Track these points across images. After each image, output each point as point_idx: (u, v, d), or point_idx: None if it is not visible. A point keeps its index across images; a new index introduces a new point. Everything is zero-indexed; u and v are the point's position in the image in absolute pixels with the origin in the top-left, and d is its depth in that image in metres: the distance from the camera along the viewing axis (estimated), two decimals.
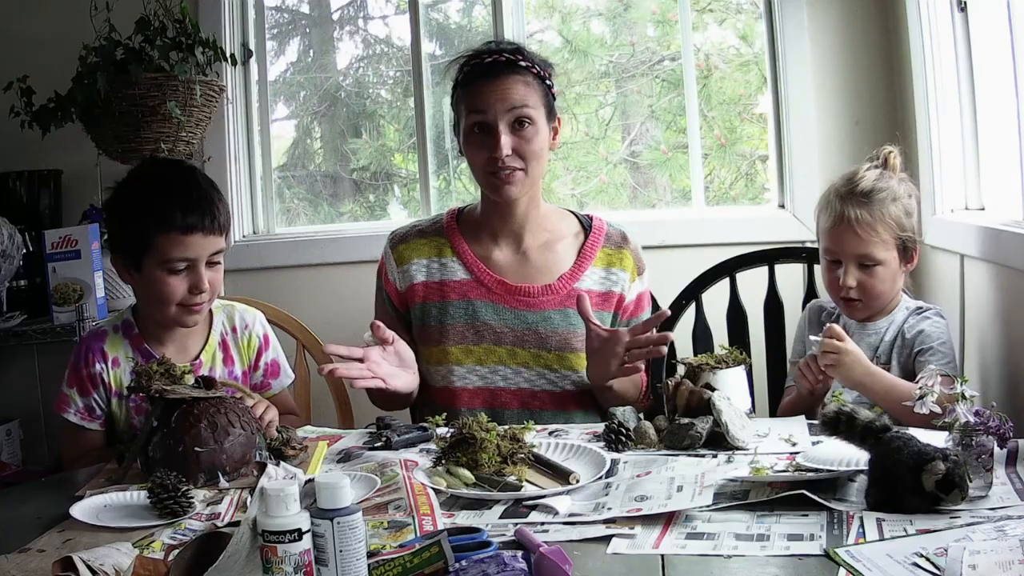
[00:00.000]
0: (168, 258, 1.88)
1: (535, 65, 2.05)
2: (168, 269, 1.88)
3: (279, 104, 3.47)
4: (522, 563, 1.13)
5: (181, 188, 1.91)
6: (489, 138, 2.01)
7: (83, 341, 2.01)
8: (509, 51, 2.05)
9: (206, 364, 2.01)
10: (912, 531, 1.22)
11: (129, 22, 2.84)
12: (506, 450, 1.54)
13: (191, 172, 2.00)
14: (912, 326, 1.99)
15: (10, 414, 3.06)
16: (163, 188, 1.91)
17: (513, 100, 2.00)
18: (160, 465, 1.58)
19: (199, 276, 1.90)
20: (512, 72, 2.02)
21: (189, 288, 1.90)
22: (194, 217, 1.87)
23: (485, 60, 2.04)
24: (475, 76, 2.04)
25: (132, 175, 2.00)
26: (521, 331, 2.07)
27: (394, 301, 2.14)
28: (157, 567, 1.22)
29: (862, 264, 1.98)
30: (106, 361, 1.97)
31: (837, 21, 2.86)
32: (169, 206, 1.87)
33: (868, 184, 1.99)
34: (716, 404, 1.67)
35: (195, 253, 1.88)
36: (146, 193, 1.92)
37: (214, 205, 1.91)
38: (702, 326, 2.45)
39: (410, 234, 2.17)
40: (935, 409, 1.47)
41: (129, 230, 1.92)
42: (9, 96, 2.83)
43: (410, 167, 3.38)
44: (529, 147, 2.02)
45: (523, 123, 2.01)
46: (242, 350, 2.08)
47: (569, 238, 2.15)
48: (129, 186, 1.96)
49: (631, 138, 3.28)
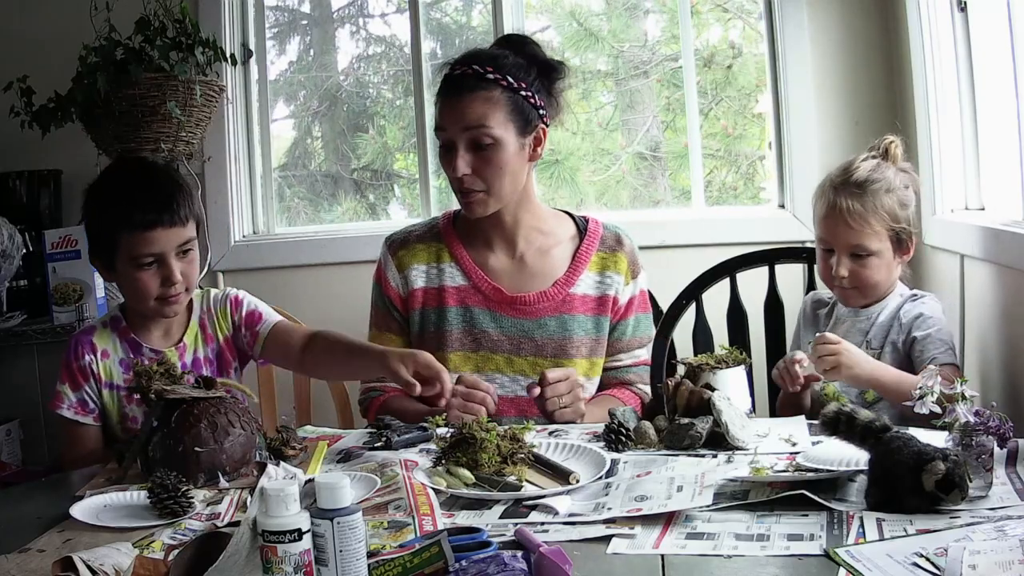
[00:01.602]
0: (135, 255, 1.91)
1: (506, 77, 1.98)
2: (137, 265, 1.92)
3: (279, 104, 3.47)
4: (522, 563, 1.13)
5: (139, 184, 1.95)
6: (450, 156, 2.00)
7: (73, 338, 2.04)
8: (483, 60, 2.00)
9: (189, 347, 2.03)
10: (912, 531, 1.22)
11: (129, 22, 2.84)
12: (506, 450, 1.54)
13: (150, 168, 2.05)
14: (908, 310, 1.99)
15: (10, 414, 3.06)
16: (122, 187, 1.95)
17: (469, 120, 1.96)
18: (160, 465, 1.58)
19: (169, 269, 1.92)
20: (476, 88, 1.97)
21: (161, 281, 1.93)
22: (152, 214, 1.90)
23: (454, 72, 2.01)
24: (441, 90, 2.03)
25: (99, 177, 2.04)
26: (518, 339, 2.07)
27: (397, 306, 2.14)
28: (157, 567, 1.22)
29: (855, 254, 1.98)
30: (95, 352, 1.98)
31: (837, 21, 2.86)
32: (127, 205, 1.90)
33: (862, 175, 1.99)
34: (716, 404, 1.67)
35: (160, 248, 1.91)
36: (107, 194, 1.96)
37: (173, 199, 1.92)
38: (702, 326, 2.45)
39: (408, 239, 2.16)
40: (935, 409, 1.46)
41: (97, 231, 1.97)
42: (9, 96, 2.83)
43: (410, 167, 3.38)
44: (489, 167, 1.98)
45: (481, 144, 1.97)
46: (217, 322, 2.08)
47: (565, 242, 2.15)
48: (94, 189, 2.00)
49: (637, 139, 3.28)
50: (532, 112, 2.02)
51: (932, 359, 1.90)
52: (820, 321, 2.15)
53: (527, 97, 2.01)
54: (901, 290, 2.05)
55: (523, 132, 2.01)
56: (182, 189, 1.97)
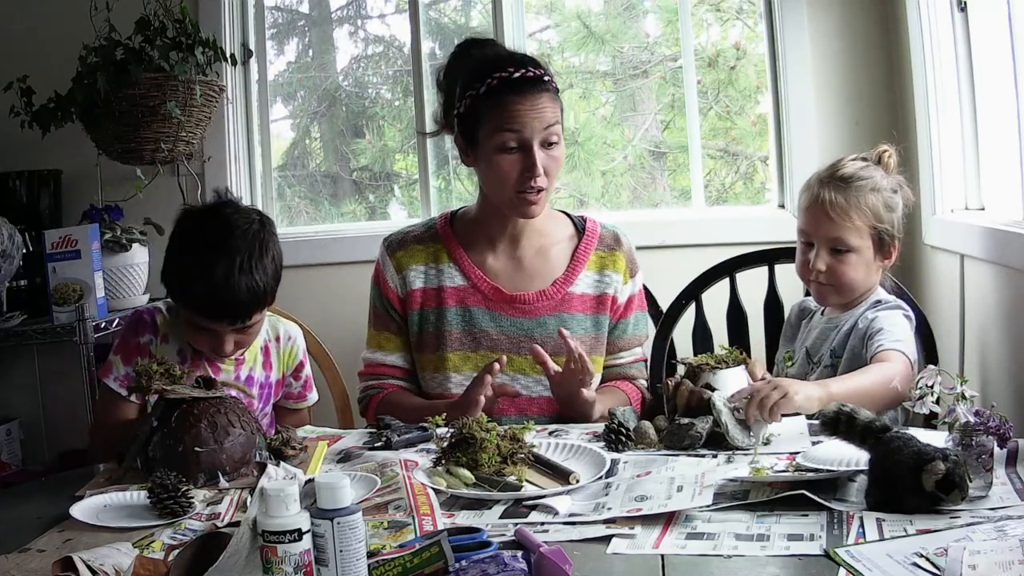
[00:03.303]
0: (193, 322, 1.92)
1: (553, 80, 2.04)
2: (192, 324, 1.93)
3: (279, 104, 3.48)
4: (522, 563, 1.13)
5: (223, 286, 1.86)
6: (522, 157, 1.98)
7: (138, 313, 2.05)
8: (533, 65, 2.02)
9: (247, 363, 2.05)
10: (912, 531, 1.22)
11: (129, 22, 2.84)
12: (506, 450, 1.54)
13: (247, 270, 1.89)
14: (866, 316, 1.95)
15: (10, 414, 3.07)
16: (206, 277, 1.86)
17: (547, 119, 1.98)
18: (160, 465, 1.58)
19: (221, 342, 1.93)
20: (543, 89, 1.99)
21: (211, 348, 1.95)
22: (224, 317, 1.89)
23: (514, 75, 1.99)
24: (505, 91, 1.98)
25: (195, 232, 1.94)
26: (517, 338, 2.07)
27: (396, 307, 2.14)
28: (157, 567, 1.22)
29: (834, 249, 1.96)
30: (156, 334, 2.00)
31: (837, 22, 2.87)
32: (210, 305, 1.88)
33: (849, 171, 1.98)
34: (716, 404, 1.67)
35: (218, 327, 1.91)
36: (195, 273, 1.88)
37: (247, 312, 1.90)
38: (702, 326, 2.45)
39: (406, 240, 2.16)
40: (935, 409, 1.46)
41: (168, 280, 1.94)
42: (9, 96, 2.83)
43: (410, 168, 3.38)
44: (555, 165, 2.02)
45: (551, 142, 2.00)
46: (282, 359, 2.11)
47: (563, 242, 2.15)
48: (189, 245, 1.92)
49: (636, 138, 3.28)
50: None
51: (878, 346, 1.84)
52: (801, 330, 2.13)
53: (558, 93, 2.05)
54: (874, 297, 1.99)
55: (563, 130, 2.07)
56: (261, 301, 1.92)
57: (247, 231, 1.91)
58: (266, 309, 1.97)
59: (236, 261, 1.86)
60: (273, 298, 1.97)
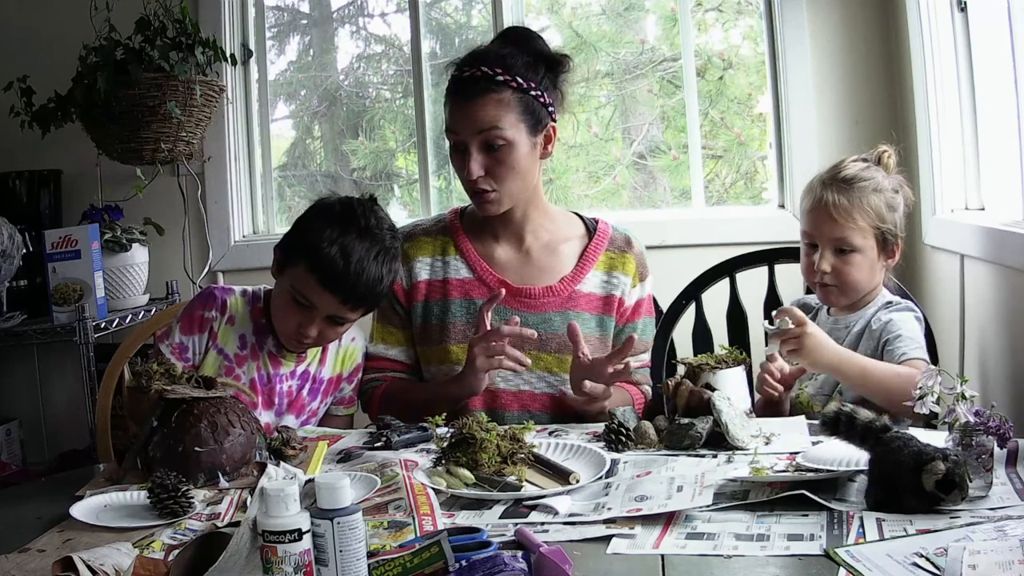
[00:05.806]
0: (297, 291, 1.91)
1: (515, 78, 1.98)
2: (291, 297, 1.92)
3: (279, 104, 3.48)
4: (522, 563, 1.13)
5: (356, 260, 1.88)
6: (462, 158, 2.00)
7: (210, 288, 2.06)
8: (492, 62, 1.99)
9: (307, 360, 2.05)
10: (912, 531, 1.22)
11: (129, 22, 2.84)
12: (506, 450, 1.54)
13: (378, 258, 1.92)
14: (879, 318, 1.96)
15: (10, 414, 3.07)
16: (346, 248, 1.88)
17: (482, 123, 1.96)
18: (160, 465, 1.58)
19: (310, 324, 1.92)
20: (487, 91, 1.96)
21: (296, 326, 1.93)
22: (339, 291, 1.89)
23: (464, 74, 2.00)
24: (451, 91, 2.02)
25: (348, 211, 1.94)
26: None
27: (401, 300, 2.14)
28: (157, 567, 1.22)
29: (838, 249, 1.97)
30: (223, 313, 2.00)
31: (837, 21, 2.87)
32: (332, 271, 1.87)
33: (851, 172, 1.99)
34: (716, 404, 1.67)
35: (319, 303, 1.90)
36: (334, 239, 1.89)
37: (359, 297, 1.90)
38: (702, 326, 2.45)
39: (414, 232, 2.17)
40: (935, 409, 1.46)
41: (297, 240, 1.94)
42: (9, 96, 2.83)
43: (410, 167, 3.38)
44: (502, 168, 1.99)
45: (494, 145, 1.97)
46: (340, 359, 2.10)
47: (573, 240, 2.15)
48: (337, 219, 1.93)
49: (637, 140, 3.28)
50: (542, 111, 2.02)
51: (903, 354, 1.87)
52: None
53: (537, 97, 2.00)
54: (882, 298, 2.02)
55: (534, 131, 2.02)
56: (377, 289, 1.92)
57: (394, 238, 1.97)
58: (360, 316, 1.97)
59: (375, 250, 1.91)
60: (372, 309, 2.01)
